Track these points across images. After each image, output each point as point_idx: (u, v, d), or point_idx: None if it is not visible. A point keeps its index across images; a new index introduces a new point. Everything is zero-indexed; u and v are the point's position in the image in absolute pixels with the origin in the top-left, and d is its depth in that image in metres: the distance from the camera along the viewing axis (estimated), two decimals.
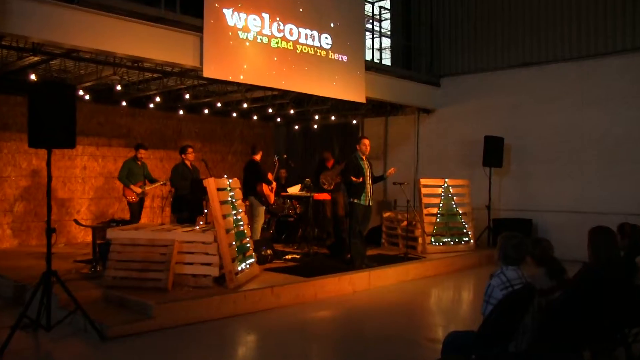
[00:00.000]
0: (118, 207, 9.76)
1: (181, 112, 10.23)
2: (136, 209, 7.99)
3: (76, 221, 7.18)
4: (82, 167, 9.46)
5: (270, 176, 7.82)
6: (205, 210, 7.33)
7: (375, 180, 7.09)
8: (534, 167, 9.29)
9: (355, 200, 6.86)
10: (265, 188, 7.61)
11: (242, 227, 6.10)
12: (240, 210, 6.17)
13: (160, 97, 8.89)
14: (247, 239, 6.19)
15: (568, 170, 8.94)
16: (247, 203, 7.44)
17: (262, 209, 7.64)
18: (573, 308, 3.19)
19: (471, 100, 10.06)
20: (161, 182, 8.31)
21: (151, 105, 9.65)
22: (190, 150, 7.91)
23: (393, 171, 7.02)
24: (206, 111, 10.46)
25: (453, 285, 7.24)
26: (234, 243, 5.75)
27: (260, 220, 7.60)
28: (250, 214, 7.58)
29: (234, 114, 10.79)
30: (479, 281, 7.26)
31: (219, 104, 9.73)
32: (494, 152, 9.04)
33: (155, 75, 7.87)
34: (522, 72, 9.50)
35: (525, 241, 3.32)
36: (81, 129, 9.12)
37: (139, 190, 7.97)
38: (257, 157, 7.74)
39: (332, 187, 8.40)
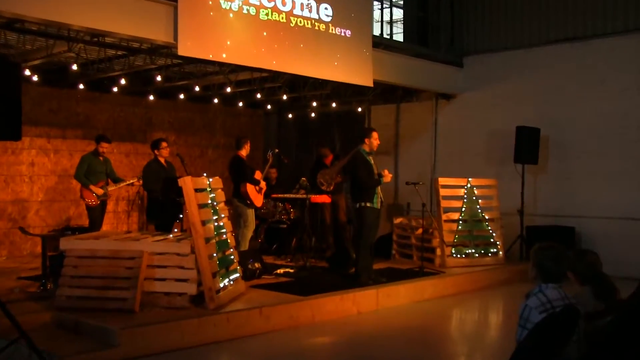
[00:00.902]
0: (75, 212, 9.72)
1: (151, 97, 10.20)
2: (97, 214, 7.97)
3: (22, 229, 7.13)
4: (29, 163, 9.38)
5: (258, 175, 7.83)
6: (181, 216, 7.31)
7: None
8: (577, 164, 9.29)
9: (368, 204, 6.85)
10: (250, 189, 7.62)
11: (224, 236, 6.10)
12: (222, 216, 6.16)
13: (125, 80, 8.85)
14: (231, 250, 6.18)
15: (620, 168, 8.90)
16: (231, 207, 7.49)
17: (251, 212, 7.66)
18: (626, 336, 3.15)
19: (501, 84, 10.05)
20: (128, 182, 8.28)
21: (115, 89, 9.62)
22: (164, 145, 7.89)
23: (389, 178, 6.98)
24: (182, 97, 10.45)
25: (478, 306, 7.23)
26: (215, 255, 5.73)
27: (251, 227, 7.63)
28: (235, 220, 7.59)
29: (215, 100, 10.79)
30: (510, 301, 7.25)
31: (197, 88, 9.71)
32: (528, 145, 9.04)
33: (119, 53, 7.84)
34: (564, 48, 9.46)
35: (565, 253, 3.30)
36: (28, 117, 9.04)
37: (100, 191, 7.95)
38: (243, 152, 7.77)
39: (331, 187, 8.41)
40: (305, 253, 8.12)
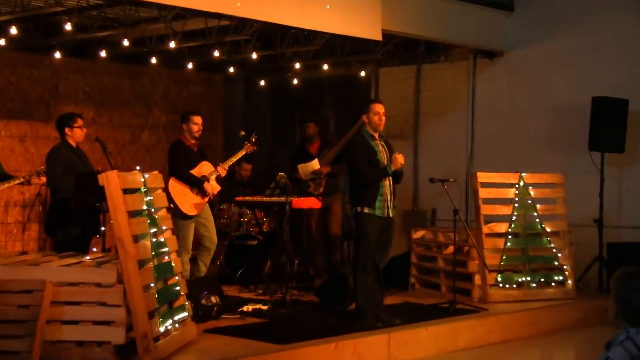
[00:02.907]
0: None
1: (58, 54, 10.13)
2: None
3: None
4: None
5: (206, 168, 7.86)
6: (103, 228, 7.30)
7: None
8: None
9: (366, 210, 6.92)
10: (174, 188, 7.67)
11: (167, 257, 6.08)
12: (164, 228, 6.15)
13: (17, 29, 8.75)
14: (177, 279, 6.15)
15: None
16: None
17: (184, 225, 7.71)
18: None
19: (569, 36, 10.07)
20: (21, 179, 8.18)
21: (2, 42, 9.50)
22: (78, 122, 7.81)
23: (401, 160, 7.00)
24: (103, 54, 10.37)
25: None
26: (152, 285, 5.70)
27: (184, 243, 7.67)
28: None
29: (153, 61, 10.73)
30: (585, 352, 7.26)
31: (126, 42, 9.63)
32: (609, 125, 9.08)
33: None
34: None
35: None
36: None
37: None
38: (188, 134, 7.91)
39: (321, 189, 8.39)
40: (285, 281, 8.11)
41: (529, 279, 8.36)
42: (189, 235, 7.79)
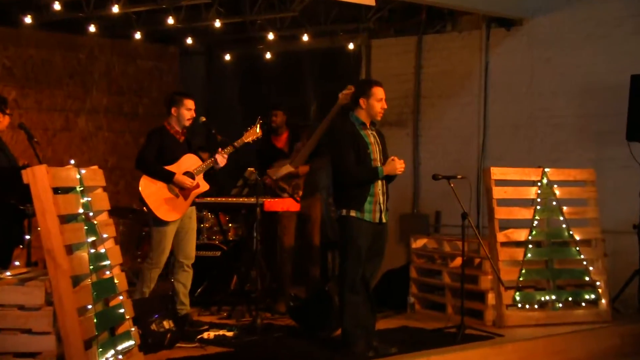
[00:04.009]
0: None
1: None
2: None
3: None
4: None
5: (188, 162, 7.82)
6: (28, 237, 7.26)
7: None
8: None
9: (353, 214, 6.90)
10: (146, 187, 7.64)
11: (108, 272, 6.05)
12: (105, 236, 6.11)
13: None
14: (121, 299, 6.12)
15: None
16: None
17: (158, 232, 7.75)
18: None
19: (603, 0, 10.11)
20: None
21: None
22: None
23: (400, 168, 6.97)
24: (28, 20, 10.30)
25: None
26: (90, 307, 5.66)
27: (157, 258, 7.70)
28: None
29: (92, 29, 10.70)
30: None
31: (56, 6, 9.56)
32: None
33: None
34: None
35: None
36: None
37: None
38: (173, 120, 7.87)
39: (300, 191, 8.39)
40: (255, 302, 8.11)
41: (553, 298, 8.36)
42: (164, 246, 7.69)
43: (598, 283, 8.52)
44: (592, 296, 8.51)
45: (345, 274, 6.93)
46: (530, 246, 8.39)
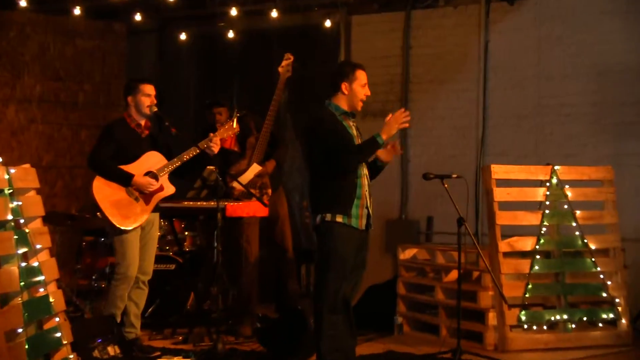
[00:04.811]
0: None
1: None
2: None
3: None
4: None
5: (151, 160, 7.79)
6: None
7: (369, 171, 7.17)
8: None
9: (339, 219, 6.88)
10: (100, 190, 7.58)
11: (42, 290, 6.03)
12: (39, 247, 6.10)
13: None
14: (57, 320, 6.10)
15: None
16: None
17: (121, 241, 7.73)
18: None
19: None
20: None
21: None
22: None
23: (397, 149, 6.97)
24: None
25: None
26: (20, 330, 5.65)
27: (124, 272, 7.69)
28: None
29: (23, 2, 10.69)
30: None
31: None
32: None
33: None
34: None
35: None
36: None
37: None
38: (133, 110, 7.86)
39: (269, 190, 8.39)
40: (216, 323, 8.08)
41: (565, 317, 8.39)
42: (131, 256, 7.69)
43: (617, 300, 8.56)
44: (610, 315, 8.54)
45: (325, 290, 6.88)
46: (537, 257, 8.42)
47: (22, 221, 5.98)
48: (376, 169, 7.12)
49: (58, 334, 6.07)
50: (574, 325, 8.40)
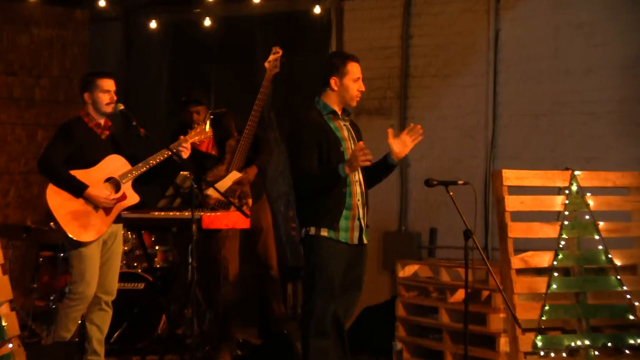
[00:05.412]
0: None
1: None
2: None
3: None
4: None
5: (112, 165, 7.78)
6: None
7: (372, 172, 7.12)
8: None
9: (324, 233, 6.90)
10: (53, 198, 7.57)
11: None
12: None
13: None
14: (10, 347, 6.24)
15: None
16: None
17: (79, 255, 7.70)
18: None
19: None
20: None
21: None
22: None
23: (362, 157, 6.89)
24: None
25: None
26: None
27: (80, 291, 7.66)
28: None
29: None
30: None
31: None
32: None
33: None
34: None
35: None
36: None
37: None
38: (90, 108, 7.87)
39: (249, 200, 8.40)
40: (191, 349, 8.10)
41: (587, 343, 8.31)
42: (89, 274, 7.68)
43: None
44: (639, 341, 8.50)
45: (312, 311, 6.90)
46: (555, 274, 8.32)
47: None
48: (386, 168, 7.09)
49: None
50: (597, 352, 8.33)
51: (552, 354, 8.24)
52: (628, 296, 8.46)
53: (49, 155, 7.64)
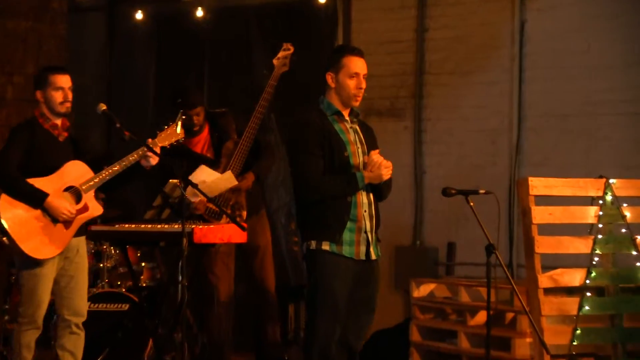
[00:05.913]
0: None
1: None
2: None
3: None
4: None
5: (73, 172, 7.72)
6: None
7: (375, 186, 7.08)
8: None
9: (326, 247, 6.86)
10: (7, 207, 7.51)
11: None
12: None
13: None
14: None
15: None
16: None
17: (32, 277, 7.65)
18: None
19: None
20: None
21: None
22: None
23: (385, 169, 6.87)
24: None
25: None
26: None
27: (28, 310, 7.68)
28: None
29: None
30: None
31: None
32: None
33: None
34: None
35: None
36: None
37: None
38: (46, 109, 7.86)
39: (244, 212, 8.50)
40: None
41: None
42: (39, 295, 7.62)
43: None
44: None
45: (315, 335, 6.87)
46: (587, 294, 8.35)
47: None
48: (375, 187, 7.01)
49: None
50: None
51: None
52: None
53: (2, 161, 7.53)
